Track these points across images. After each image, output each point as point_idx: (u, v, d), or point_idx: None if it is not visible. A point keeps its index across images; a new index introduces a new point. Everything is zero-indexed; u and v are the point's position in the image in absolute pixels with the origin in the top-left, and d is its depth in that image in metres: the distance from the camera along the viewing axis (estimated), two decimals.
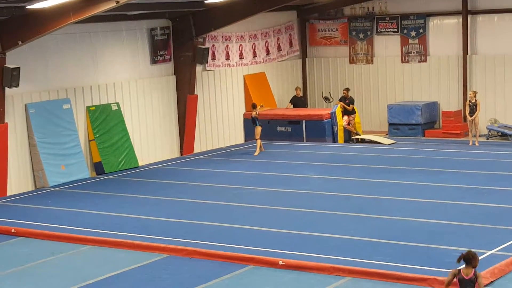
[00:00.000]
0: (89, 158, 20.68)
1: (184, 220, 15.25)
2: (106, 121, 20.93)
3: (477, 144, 22.94)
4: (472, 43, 25.46)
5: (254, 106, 22.85)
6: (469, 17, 25.35)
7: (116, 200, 17.40)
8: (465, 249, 12.26)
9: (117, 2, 16.79)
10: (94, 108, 20.78)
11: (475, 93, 23.11)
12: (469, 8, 25.32)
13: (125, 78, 21.86)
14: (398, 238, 13.13)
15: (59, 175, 19.49)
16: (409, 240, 13.04)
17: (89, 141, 20.71)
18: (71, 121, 20.06)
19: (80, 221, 15.43)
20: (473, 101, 22.87)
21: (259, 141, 22.72)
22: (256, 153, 22.45)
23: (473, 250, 9.51)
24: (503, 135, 24.49)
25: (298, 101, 26.65)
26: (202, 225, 14.79)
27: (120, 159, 21.03)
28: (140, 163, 21.64)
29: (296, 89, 26.96)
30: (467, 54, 25.42)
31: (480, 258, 11.71)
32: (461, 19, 25.41)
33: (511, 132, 24.30)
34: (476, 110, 22.77)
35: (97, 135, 20.68)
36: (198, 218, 15.33)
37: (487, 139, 24.41)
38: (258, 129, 22.73)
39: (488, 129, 24.64)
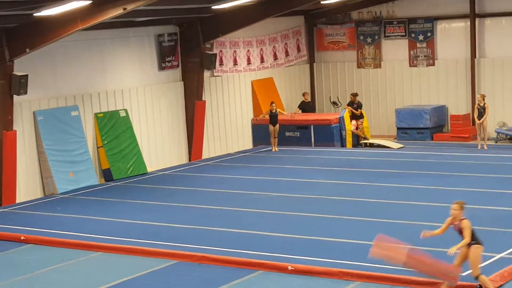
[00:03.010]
0: (97, 164, 20.72)
1: (193, 226, 15.25)
2: (115, 128, 20.97)
3: (485, 147, 22.88)
4: (480, 47, 25.42)
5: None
6: (477, 20, 25.31)
7: (125, 206, 17.42)
8: None
9: (125, 9, 16.86)
10: (102, 114, 20.82)
11: (483, 96, 23.05)
12: (477, 11, 25.28)
13: (133, 84, 21.90)
14: (406, 242, 13.07)
15: (68, 182, 19.53)
16: (418, 244, 12.96)
17: (98, 147, 20.75)
18: (79, 128, 20.11)
19: (89, 228, 15.46)
20: (482, 104, 22.82)
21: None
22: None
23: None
24: None
25: (307, 106, 26.66)
26: (211, 231, 14.79)
27: (128, 166, 21.06)
28: (149, 170, 21.66)
29: (304, 94, 26.97)
30: (475, 57, 25.38)
31: (489, 261, 11.75)
32: (468, 23, 25.38)
33: None
34: (485, 113, 22.72)
35: (106, 142, 20.72)
36: (207, 223, 15.33)
37: (496, 142, 24.35)
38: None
39: (496, 132, 24.58)
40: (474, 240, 10.52)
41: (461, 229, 10.57)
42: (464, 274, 11.30)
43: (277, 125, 23.70)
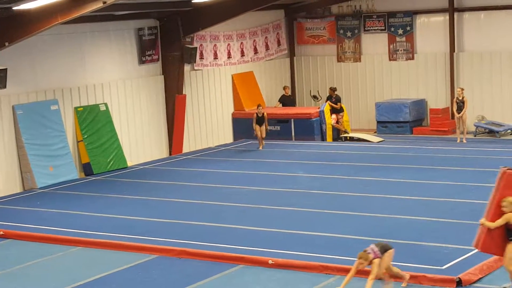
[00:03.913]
0: (77, 159, 20.64)
1: (173, 220, 15.25)
2: (94, 122, 20.90)
3: (464, 141, 23.03)
4: (459, 41, 25.55)
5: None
6: (455, 14, 25.44)
7: (105, 201, 17.38)
8: (453, 246, 12.35)
9: (104, 3, 16.76)
10: (82, 109, 20.74)
11: (462, 90, 23.21)
12: (455, 5, 25.41)
13: (113, 78, 21.82)
14: (386, 236, 13.15)
15: (48, 176, 19.45)
16: (398, 237, 13.08)
17: (78, 142, 20.67)
18: (59, 122, 20.02)
19: (69, 223, 15.41)
20: (460, 98, 22.96)
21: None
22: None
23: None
24: (491, 132, 24.58)
25: (287, 100, 26.69)
26: (192, 225, 14.79)
27: (108, 160, 21.00)
28: (129, 164, 21.61)
29: (284, 88, 27.00)
30: (454, 51, 25.51)
31: (468, 255, 11.84)
32: (447, 17, 25.50)
33: (498, 129, 24.40)
34: (464, 107, 22.86)
35: (86, 136, 20.65)
36: (187, 218, 15.33)
37: (475, 136, 24.51)
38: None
39: (475, 126, 24.74)
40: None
41: None
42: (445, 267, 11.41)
43: (264, 126, 22.97)
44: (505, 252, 9.99)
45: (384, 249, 10.44)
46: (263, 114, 22.93)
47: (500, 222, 9.82)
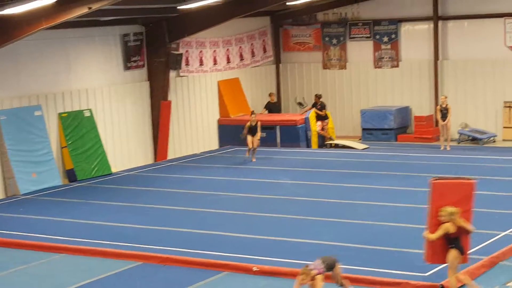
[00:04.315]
0: (61, 165, 20.55)
1: (157, 227, 15.20)
2: (79, 128, 20.82)
3: (448, 148, 23.12)
4: (443, 48, 25.69)
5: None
6: (440, 22, 25.58)
7: (89, 207, 17.30)
8: None
9: (90, 8, 16.72)
10: (66, 114, 20.66)
11: (445, 97, 23.35)
12: (440, 14, 25.55)
13: (98, 84, 21.77)
14: (371, 243, 13.19)
15: (31, 182, 19.34)
16: (382, 244, 13.10)
17: (62, 148, 20.59)
18: (42, 128, 19.92)
19: (52, 229, 15.32)
20: (444, 105, 23.07)
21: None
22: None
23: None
24: (474, 139, 24.71)
25: (273, 107, 26.72)
26: (176, 232, 14.75)
27: (93, 166, 20.92)
28: (113, 170, 21.54)
29: (270, 94, 27.02)
30: (438, 59, 25.65)
31: None
32: (432, 25, 25.65)
33: (481, 136, 24.54)
34: (448, 114, 22.97)
35: (70, 142, 20.57)
36: (171, 224, 15.29)
37: (458, 143, 24.62)
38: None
39: (459, 133, 24.86)
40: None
41: None
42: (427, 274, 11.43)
43: (256, 136, 21.85)
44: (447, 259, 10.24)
45: (329, 266, 10.34)
46: (256, 123, 21.90)
47: (439, 233, 10.05)
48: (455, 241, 10.10)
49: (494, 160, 20.98)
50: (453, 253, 10.14)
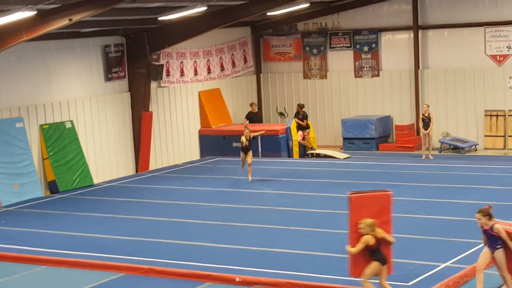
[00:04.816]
0: (43, 177, 20.46)
1: (139, 238, 15.16)
2: (60, 139, 20.76)
3: (431, 157, 23.23)
4: (424, 58, 25.84)
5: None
6: (420, 32, 25.74)
7: (71, 219, 17.24)
8: (419, 262, 12.41)
9: (70, 20, 16.72)
10: (47, 126, 20.59)
11: (428, 106, 23.48)
12: (420, 23, 25.71)
13: (79, 95, 21.71)
14: None
15: (12, 194, 19.24)
16: None
17: (43, 159, 20.51)
18: (24, 140, 19.84)
19: (34, 241, 15.24)
20: (426, 114, 23.20)
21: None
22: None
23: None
24: (455, 148, 24.84)
25: (254, 117, 26.75)
26: (158, 243, 14.72)
27: (74, 177, 20.85)
28: (95, 181, 21.47)
29: (251, 104, 27.05)
30: (419, 68, 25.79)
31: (434, 270, 11.92)
32: (412, 34, 25.79)
33: (463, 145, 24.67)
34: (430, 123, 23.10)
35: (51, 154, 20.49)
36: (153, 235, 15.26)
37: (440, 152, 24.74)
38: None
39: (440, 142, 24.98)
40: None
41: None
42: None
43: (250, 153, 20.43)
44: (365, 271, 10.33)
45: None
46: (250, 138, 20.38)
47: (360, 246, 10.20)
48: (376, 253, 10.25)
49: (476, 168, 21.11)
50: (374, 265, 10.27)
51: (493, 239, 10.54)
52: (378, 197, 10.38)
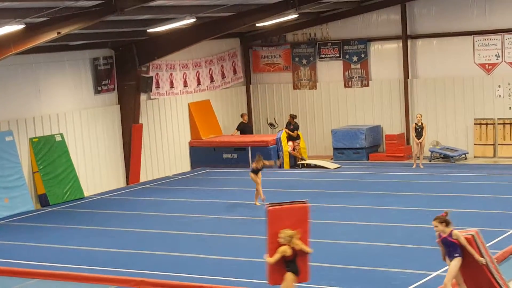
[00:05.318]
0: (33, 190, 20.40)
1: (131, 250, 15.12)
2: (50, 153, 20.71)
3: (421, 166, 23.28)
4: (413, 67, 25.93)
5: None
6: (409, 41, 25.83)
7: (62, 232, 17.18)
8: (411, 271, 12.42)
9: (59, 33, 16.72)
10: (37, 139, 20.54)
11: (421, 116, 23.61)
12: (408, 32, 25.80)
13: (69, 108, 21.68)
14: (344, 262, 13.23)
15: (3, 208, 19.17)
16: (356, 263, 13.14)
17: (33, 173, 20.45)
18: (14, 153, 19.78)
19: (26, 255, 15.18)
20: (420, 124, 23.31)
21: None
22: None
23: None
24: (445, 157, 24.90)
25: (245, 127, 26.76)
26: (150, 255, 14.69)
27: (65, 191, 20.80)
28: (86, 194, 21.42)
29: (242, 115, 27.05)
30: (408, 77, 25.87)
31: (426, 279, 11.93)
32: (401, 44, 25.87)
33: (453, 154, 24.73)
34: (423, 132, 23.22)
35: (41, 167, 20.44)
36: (145, 248, 15.22)
37: (430, 161, 24.79)
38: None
39: (430, 151, 25.04)
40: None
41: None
42: None
43: (260, 173, 18.93)
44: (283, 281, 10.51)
45: None
46: (262, 167, 18.97)
47: (277, 256, 10.39)
48: (291, 263, 10.45)
49: (466, 177, 21.16)
50: (288, 276, 10.46)
51: (452, 247, 10.47)
52: (295, 209, 10.62)
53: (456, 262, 10.39)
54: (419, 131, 23.25)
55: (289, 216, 10.48)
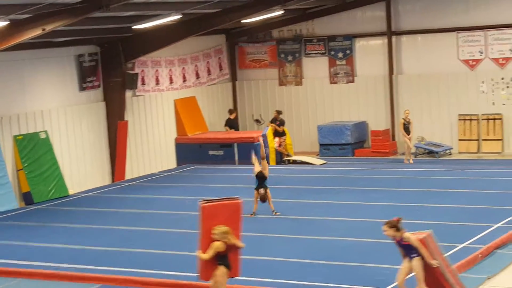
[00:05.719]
0: (17, 188, 20.31)
1: (117, 248, 15.08)
2: (35, 150, 20.62)
3: (411, 161, 23.47)
4: (398, 63, 26.00)
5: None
6: (393, 37, 25.90)
7: (47, 230, 17.12)
8: (396, 267, 12.46)
9: (44, 30, 16.65)
10: (21, 137, 20.45)
11: (409, 111, 23.78)
12: (393, 29, 25.87)
13: (54, 105, 21.60)
14: (330, 258, 13.25)
15: None
16: (342, 259, 13.17)
17: (17, 170, 20.36)
18: None
19: (9, 254, 15.10)
20: (408, 119, 23.46)
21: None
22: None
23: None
24: (430, 153, 25.00)
25: (234, 123, 26.75)
26: (137, 253, 14.66)
27: (49, 188, 20.72)
28: (71, 192, 21.35)
29: (230, 111, 26.98)
30: (393, 73, 25.94)
31: (410, 275, 11.94)
32: (386, 40, 25.94)
33: (437, 150, 24.84)
34: (411, 128, 23.42)
35: (26, 165, 20.35)
36: (131, 245, 15.19)
37: (415, 156, 24.88)
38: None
39: (415, 147, 25.13)
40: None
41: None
42: None
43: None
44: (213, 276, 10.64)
45: None
46: (264, 174, 17.32)
47: (211, 252, 10.53)
48: (223, 258, 10.59)
49: (451, 172, 21.25)
50: (221, 270, 10.60)
51: (407, 249, 10.63)
52: (228, 206, 10.73)
53: (416, 262, 10.58)
54: (407, 127, 23.40)
55: (222, 212, 10.61)
